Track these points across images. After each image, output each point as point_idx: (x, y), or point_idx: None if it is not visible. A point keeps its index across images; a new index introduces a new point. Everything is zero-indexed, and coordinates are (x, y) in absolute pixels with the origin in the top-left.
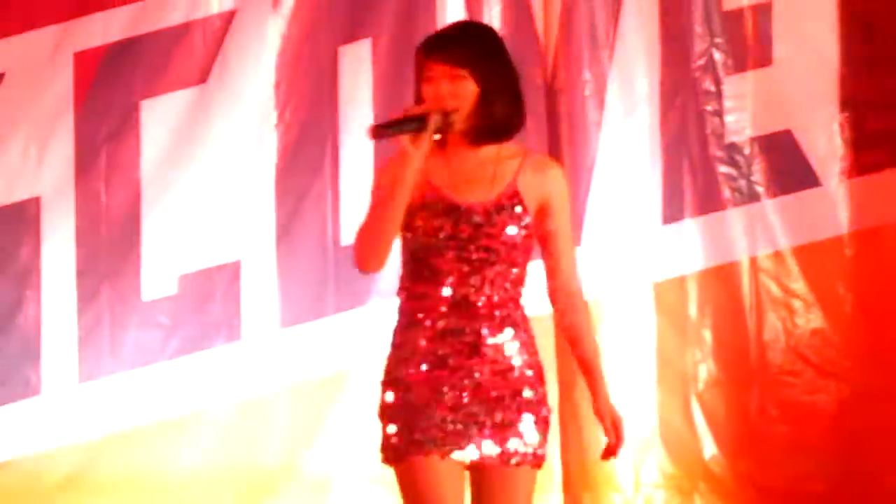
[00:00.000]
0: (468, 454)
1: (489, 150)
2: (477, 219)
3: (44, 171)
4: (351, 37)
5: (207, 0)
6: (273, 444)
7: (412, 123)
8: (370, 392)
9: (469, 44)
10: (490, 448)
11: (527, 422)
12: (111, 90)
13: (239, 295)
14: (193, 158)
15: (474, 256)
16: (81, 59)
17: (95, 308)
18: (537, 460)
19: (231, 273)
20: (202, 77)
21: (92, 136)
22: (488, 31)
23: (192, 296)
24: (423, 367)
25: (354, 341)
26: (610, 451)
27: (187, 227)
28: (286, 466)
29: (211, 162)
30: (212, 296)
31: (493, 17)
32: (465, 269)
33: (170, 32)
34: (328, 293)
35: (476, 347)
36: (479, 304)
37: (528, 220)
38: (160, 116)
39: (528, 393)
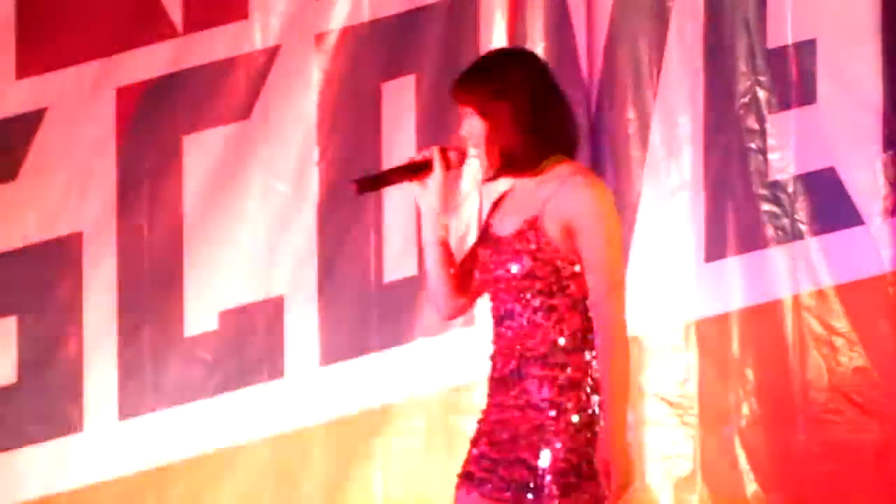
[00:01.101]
0: None
1: (529, 181)
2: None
3: (86, 206)
4: (394, 73)
5: (251, 36)
6: (313, 479)
7: (404, 172)
8: (411, 428)
9: (472, 79)
10: None
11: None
12: (153, 126)
13: (282, 331)
14: (235, 194)
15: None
16: (123, 94)
17: (137, 344)
18: None
19: (273, 309)
20: (245, 113)
21: (134, 171)
22: (501, 60)
23: (234, 332)
24: None
25: (397, 379)
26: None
27: (229, 262)
28: (326, 503)
29: (253, 197)
30: (254, 332)
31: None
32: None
33: (213, 68)
34: (371, 330)
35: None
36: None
37: (539, 246)
38: (202, 152)
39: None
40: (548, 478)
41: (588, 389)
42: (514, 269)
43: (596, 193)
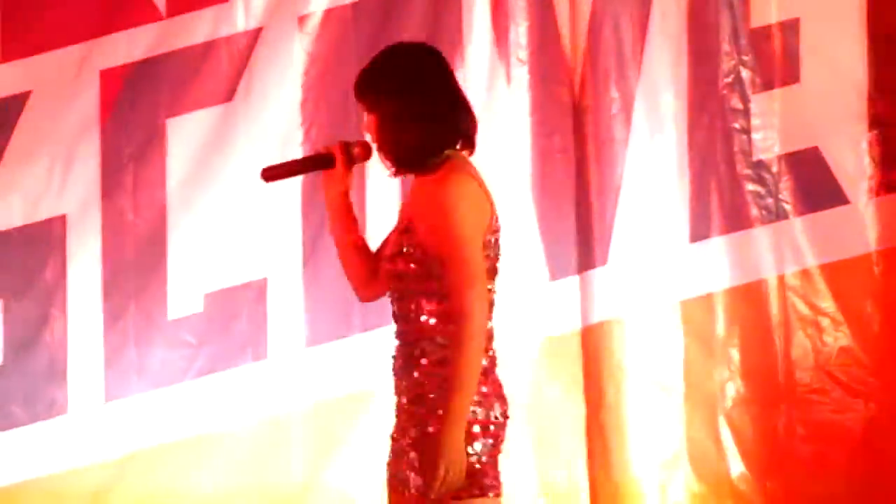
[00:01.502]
0: None
1: (422, 179)
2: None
3: (69, 189)
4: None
5: (233, 18)
6: (297, 461)
7: (307, 164)
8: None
9: (362, 79)
10: None
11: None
12: (137, 108)
13: (265, 313)
14: (219, 176)
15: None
16: (107, 77)
17: (121, 327)
18: None
19: (257, 291)
20: (228, 95)
21: (118, 154)
22: (389, 60)
23: (218, 314)
24: None
25: (380, 360)
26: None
27: (213, 245)
28: (309, 484)
29: (237, 180)
30: (238, 314)
31: (520, 34)
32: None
33: (195, 50)
34: (354, 312)
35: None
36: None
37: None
38: (186, 134)
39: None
40: None
41: None
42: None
43: (445, 191)
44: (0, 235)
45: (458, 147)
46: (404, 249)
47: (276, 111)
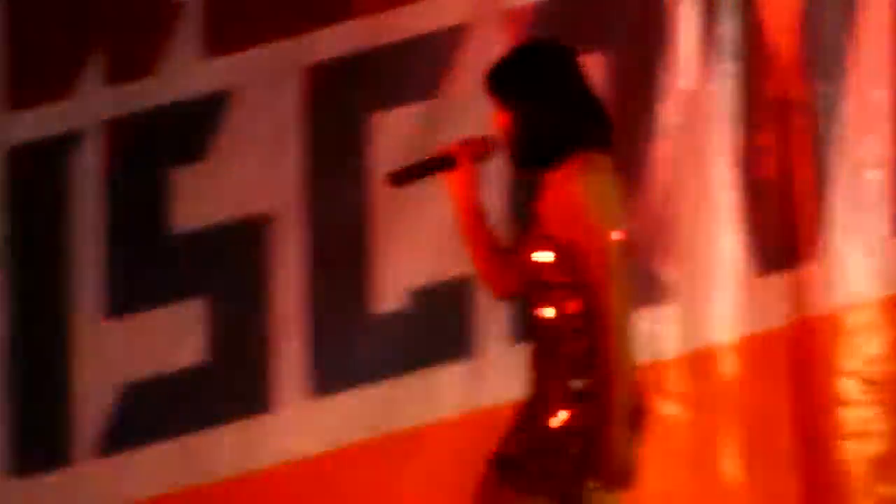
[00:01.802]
0: None
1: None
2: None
3: (274, 186)
4: (583, 50)
5: (440, 14)
6: None
7: (433, 166)
8: None
9: (497, 75)
10: None
11: None
12: (342, 104)
13: (471, 311)
14: None
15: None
16: (312, 73)
17: (326, 323)
18: None
19: (464, 288)
20: (433, 91)
21: (323, 150)
22: (527, 57)
23: (425, 311)
24: None
25: None
26: None
27: (419, 240)
28: None
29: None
30: (444, 310)
31: (726, 30)
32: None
33: (401, 46)
34: None
35: None
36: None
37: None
38: (391, 130)
39: None
40: None
41: None
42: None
43: (582, 187)
44: (205, 232)
45: (590, 145)
46: (541, 245)
47: (480, 107)
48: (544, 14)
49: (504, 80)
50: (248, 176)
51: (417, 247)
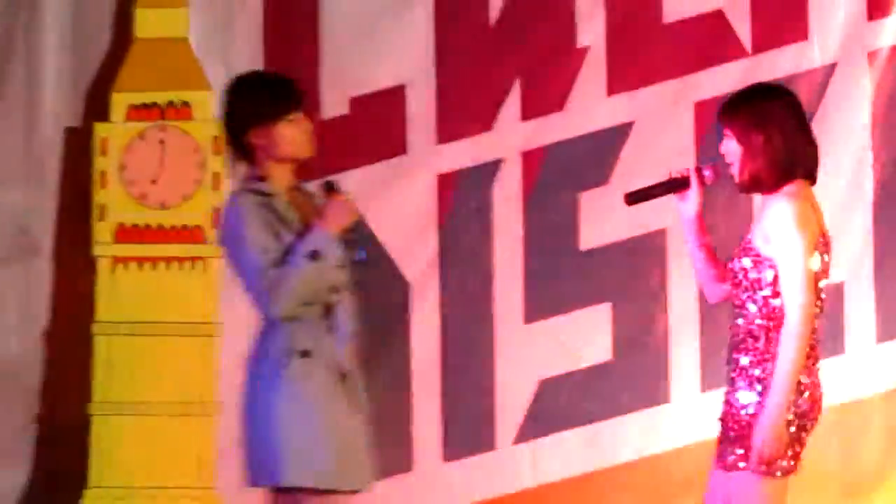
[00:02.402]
0: None
1: (768, 200)
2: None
3: (671, 205)
4: None
5: (811, 54)
6: (870, 447)
7: (664, 188)
8: None
9: (737, 107)
10: None
11: None
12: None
13: (842, 312)
14: None
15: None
16: (701, 107)
17: (714, 325)
18: None
19: (834, 293)
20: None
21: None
22: (763, 94)
23: None
24: None
25: None
26: None
27: None
28: (881, 470)
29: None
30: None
31: None
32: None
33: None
34: None
35: None
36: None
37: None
38: None
39: None
40: None
41: None
42: (741, 273)
43: (787, 210)
44: (609, 246)
45: (804, 176)
46: (747, 255)
47: (848, 137)
48: None
49: (740, 114)
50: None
51: None
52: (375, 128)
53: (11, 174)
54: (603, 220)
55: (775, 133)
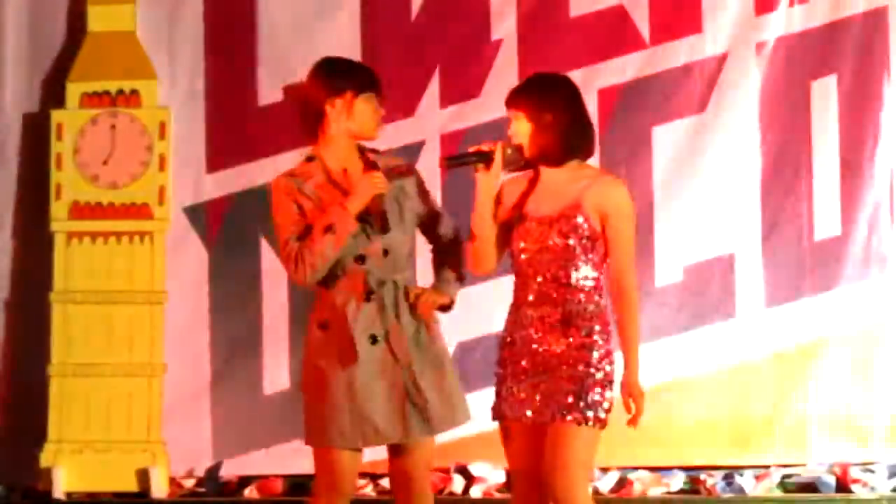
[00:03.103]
0: None
1: (562, 174)
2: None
3: None
4: (819, 73)
5: (703, 46)
6: (759, 400)
7: (476, 157)
8: (841, 357)
9: (527, 91)
10: None
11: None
12: (629, 119)
13: (733, 281)
14: (695, 172)
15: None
16: (604, 94)
17: None
18: None
19: (727, 263)
20: (701, 107)
21: (613, 156)
22: (549, 81)
23: (695, 282)
24: None
25: (826, 318)
26: (632, 421)
27: (690, 227)
28: (769, 418)
29: (709, 174)
30: (710, 282)
31: None
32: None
33: (675, 72)
34: (804, 279)
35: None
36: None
37: (586, 227)
38: (668, 139)
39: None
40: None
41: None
42: (560, 241)
43: (625, 191)
44: None
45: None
46: (579, 225)
47: (739, 120)
48: (788, 45)
49: (529, 97)
50: None
51: (690, 232)
52: None
53: None
54: None
55: (562, 113)
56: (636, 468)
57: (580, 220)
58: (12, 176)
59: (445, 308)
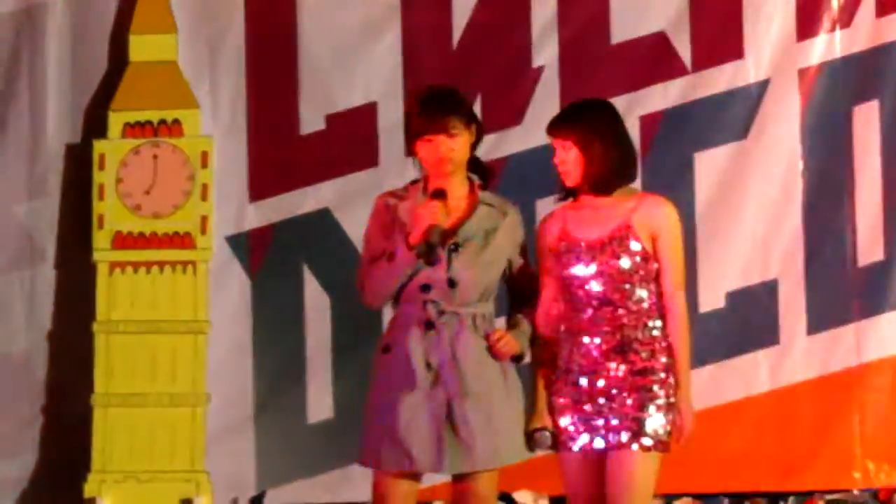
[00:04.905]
0: None
1: (605, 199)
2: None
3: None
4: (862, 98)
5: (746, 72)
6: (803, 426)
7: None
8: (885, 383)
9: (572, 119)
10: None
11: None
12: (670, 145)
13: (776, 307)
14: (738, 198)
15: None
16: (645, 120)
17: None
18: None
19: (769, 290)
20: (743, 133)
21: (655, 182)
22: (592, 107)
23: (737, 308)
24: None
25: (872, 343)
26: (680, 440)
27: (733, 253)
28: (813, 444)
29: (751, 200)
30: (753, 308)
31: None
32: None
33: (717, 98)
34: (849, 304)
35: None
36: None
37: (638, 248)
38: (710, 165)
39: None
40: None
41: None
42: (613, 264)
43: (672, 209)
44: None
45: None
46: (632, 247)
47: (781, 146)
48: (830, 70)
49: (583, 122)
50: None
51: (733, 258)
52: (349, 142)
53: (18, 187)
54: None
55: (611, 140)
56: (680, 494)
57: (632, 241)
58: (55, 206)
59: (516, 359)
